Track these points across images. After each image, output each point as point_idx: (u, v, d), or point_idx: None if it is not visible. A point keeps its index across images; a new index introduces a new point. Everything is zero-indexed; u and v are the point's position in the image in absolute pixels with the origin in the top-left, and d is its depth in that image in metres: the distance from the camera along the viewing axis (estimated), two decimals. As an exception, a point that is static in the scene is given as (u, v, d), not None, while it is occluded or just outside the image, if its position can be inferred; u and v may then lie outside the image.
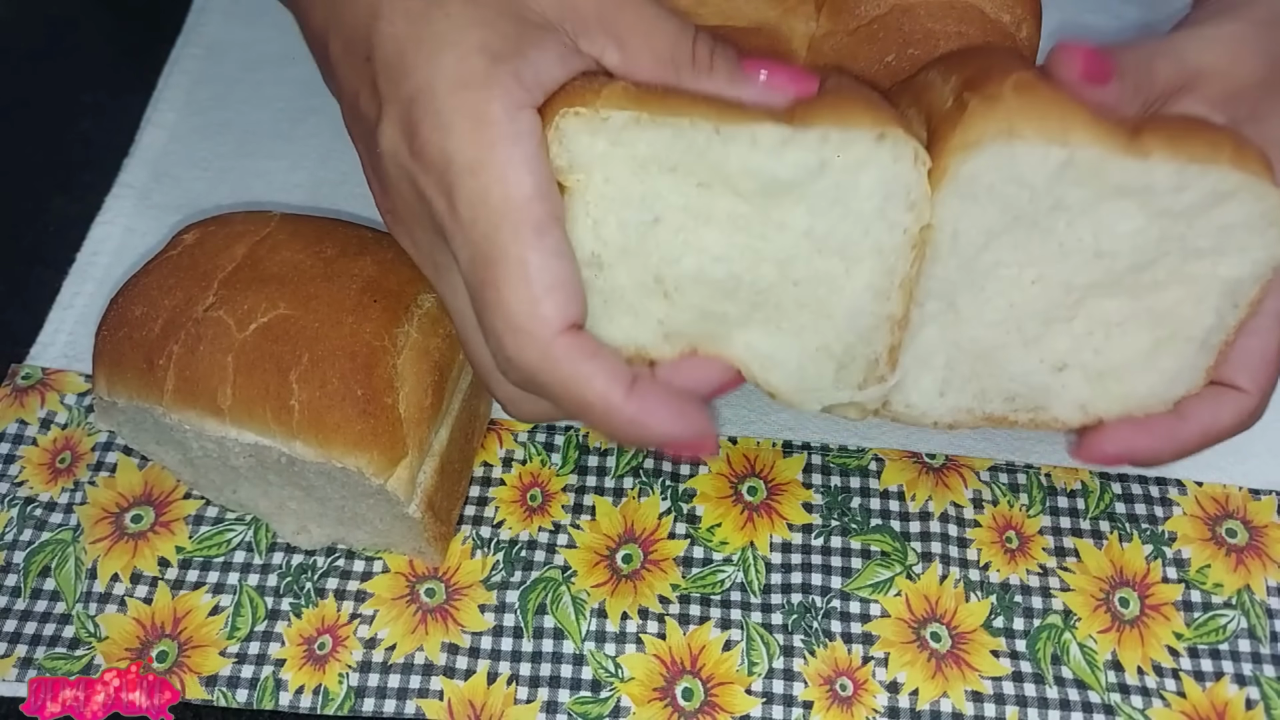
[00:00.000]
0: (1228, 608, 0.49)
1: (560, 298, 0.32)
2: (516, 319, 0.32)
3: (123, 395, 0.45)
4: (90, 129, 0.65)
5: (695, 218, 0.36)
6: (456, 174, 0.32)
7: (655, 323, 0.37)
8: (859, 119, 0.34)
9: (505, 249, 0.32)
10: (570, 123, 0.34)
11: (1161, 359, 0.40)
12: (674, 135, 0.34)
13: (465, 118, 0.32)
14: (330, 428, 0.43)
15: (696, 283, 0.36)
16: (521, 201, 0.32)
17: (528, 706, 0.46)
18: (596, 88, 0.35)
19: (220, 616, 0.48)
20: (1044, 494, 0.52)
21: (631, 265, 0.36)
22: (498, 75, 0.32)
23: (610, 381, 0.33)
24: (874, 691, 0.47)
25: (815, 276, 0.36)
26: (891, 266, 0.36)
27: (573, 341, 0.33)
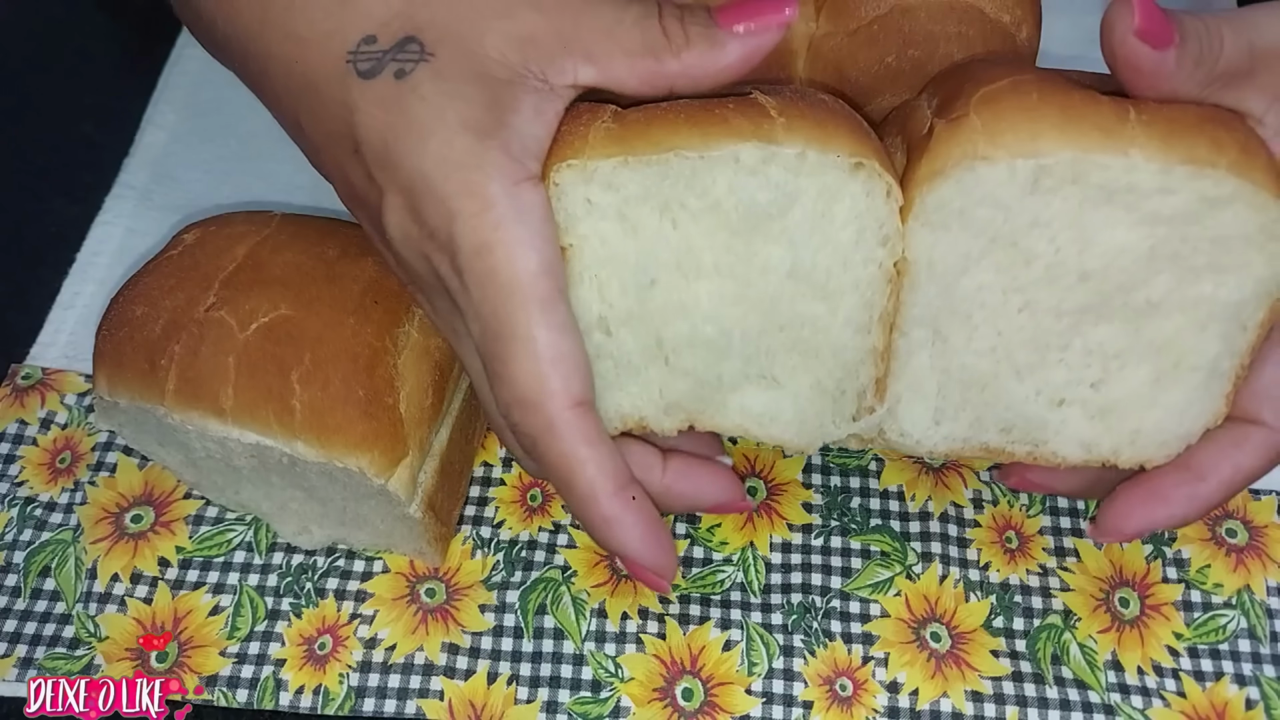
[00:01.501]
0: (1228, 608, 0.49)
1: (566, 371, 0.33)
2: (523, 392, 0.33)
3: (124, 395, 0.46)
4: (91, 130, 0.65)
5: (686, 275, 0.36)
6: (465, 256, 0.32)
7: (656, 393, 0.38)
8: (838, 142, 0.35)
9: (514, 326, 0.32)
10: (565, 176, 0.34)
11: (1167, 393, 0.38)
12: (660, 172, 0.35)
13: (467, 201, 0.32)
14: (332, 428, 0.43)
15: (692, 345, 0.37)
16: (528, 279, 0.32)
17: (528, 706, 0.46)
18: (583, 132, 0.35)
19: (220, 616, 0.48)
20: (1044, 494, 0.52)
21: (636, 330, 0.37)
22: (488, 154, 0.32)
23: (601, 474, 0.34)
24: (874, 691, 0.47)
25: (799, 319, 0.37)
26: (869, 300, 0.37)
27: (577, 421, 0.33)
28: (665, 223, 0.36)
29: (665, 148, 0.34)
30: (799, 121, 0.35)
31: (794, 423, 0.39)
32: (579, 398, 0.33)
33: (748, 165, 0.34)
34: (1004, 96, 0.34)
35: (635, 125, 0.35)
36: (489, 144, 0.32)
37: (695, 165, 0.34)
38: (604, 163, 0.34)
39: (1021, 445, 0.40)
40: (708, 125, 0.34)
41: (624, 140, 0.34)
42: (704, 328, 0.37)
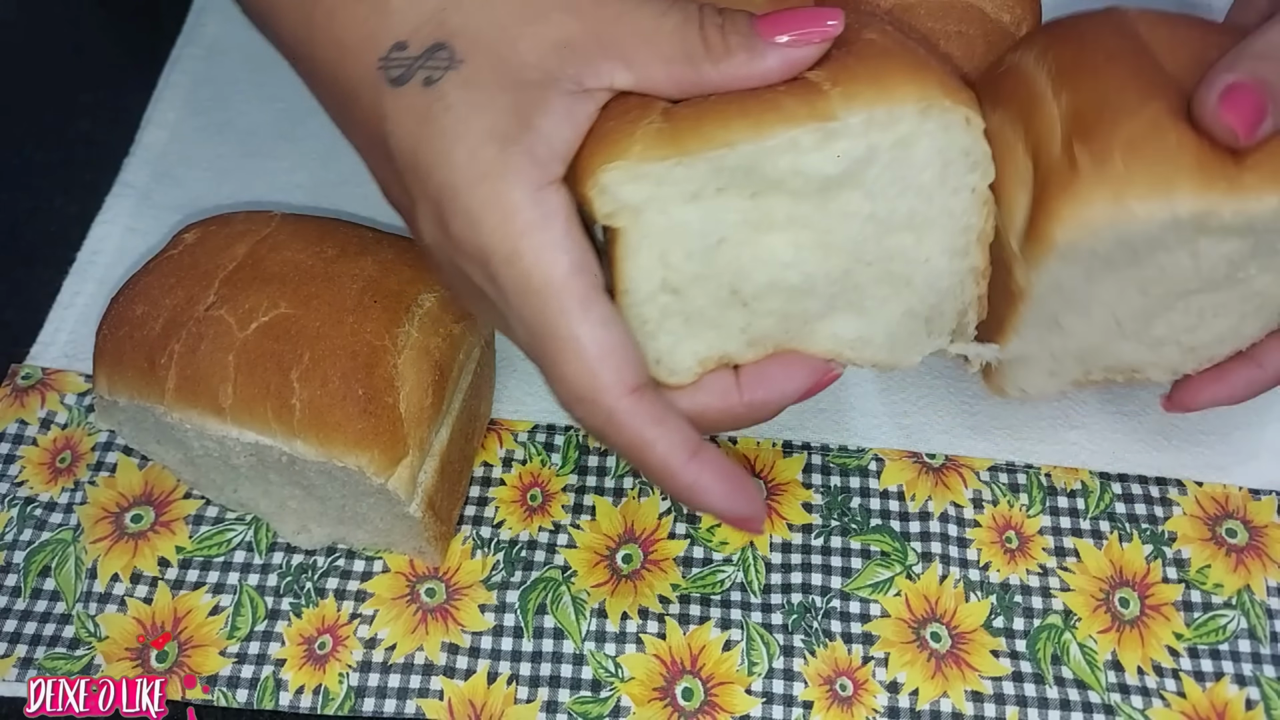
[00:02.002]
0: (1228, 608, 0.49)
1: (615, 363, 0.33)
2: (578, 391, 0.33)
3: (123, 394, 0.46)
4: (91, 128, 0.65)
5: (757, 229, 0.35)
6: (496, 265, 0.33)
7: (738, 331, 0.37)
8: (901, 92, 0.34)
9: (555, 328, 0.33)
10: (611, 176, 0.33)
11: (1248, 326, 0.43)
12: (716, 164, 0.34)
13: (491, 211, 0.32)
14: (331, 427, 0.43)
15: (773, 290, 0.36)
16: (561, 281, 0.32)
17: (528, 706, 0.46)
18: (630, 131, 0.34)
19: (220, 616, 0.48)
20: (1044, 494, 0.52)
21: (706, 286, 0.36)
22: (511, 160, 0.32)
23: (671, 449, 0.34)
24: (874, 691, 0.47)
25: (888, 254, 0.36)
26: (966, 225, 0.36)
27: (636, 407, 0.34)
28: (728, 197, 0.35)
29: (719, 143, 0.33)
30: (855, 85, 0.34)
31: (886, 345, 0.38)
32: (633, 384, 0.34)
33: (808, 146, 0.33)
34: (1146, 142, 0.37)
35: (686, 120, 0.34)
36: (512, 150, 0.32)
37: (754, 155, 0.33)
38: (654, 165, 0.33)
39: (1120, 376, 0.45)
40: (760, 113, 0.33)
41: (675, 139, 0.33)
42: (783, 275, 0.36)
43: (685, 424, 0.35)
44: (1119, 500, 0.52)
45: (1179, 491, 0.52)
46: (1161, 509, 0.52)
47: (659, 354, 0.36)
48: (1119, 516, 0.51)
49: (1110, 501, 0.52)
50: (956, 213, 0.36)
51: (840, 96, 0.33)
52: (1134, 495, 0.52)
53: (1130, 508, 0.52)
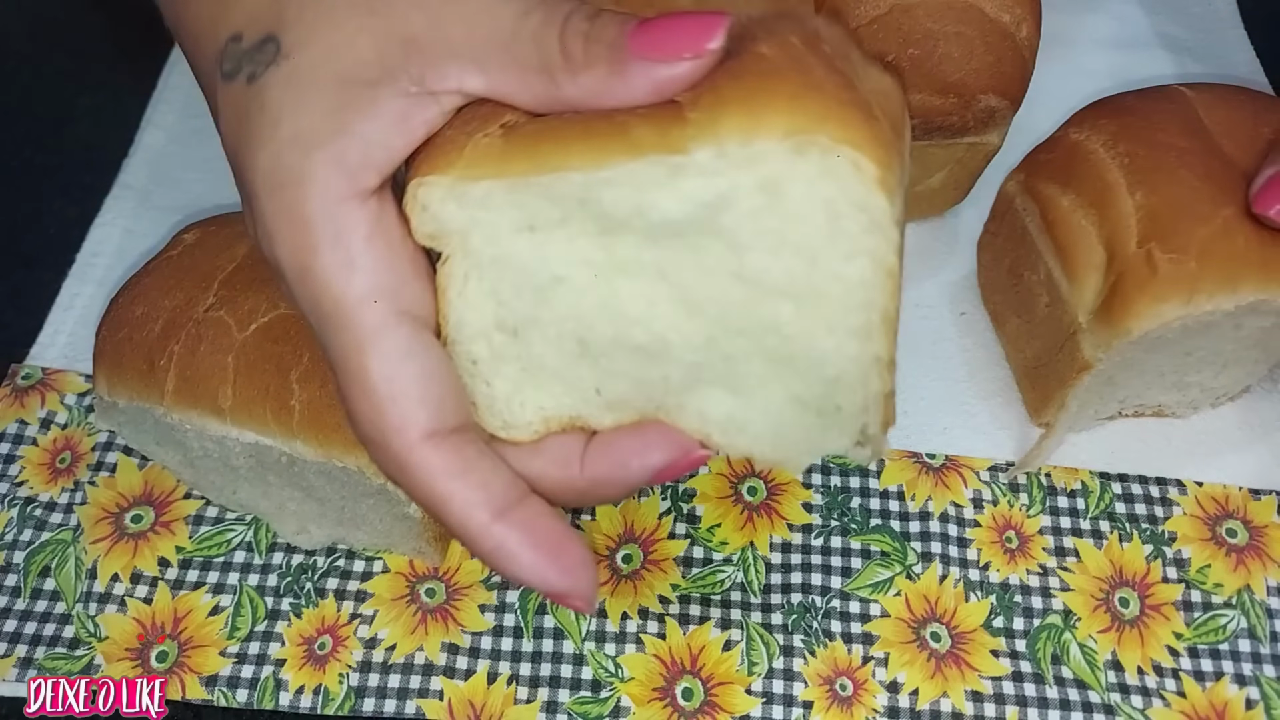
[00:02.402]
0: (1228, 608, 0.49)
1: (408, 404, 0.29)
2: (366, 431, 0.30)
3: (123, 395, 0.46)
4: (89, 130, 0.65)
5: (603, 273, 0.30)
6: (290, 282, 0.30)
7: (590, 391, 0.32)
8: (769, 121, 0.27)
9: (345, 358, 0.29)
10: (428, 193, 0.29)
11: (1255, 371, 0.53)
12: (546, 192, 0.29)
13: (285, 223, 0.29)
14: (330, 427, 0.43)
15: (621, 347, 0.30)
16: (351, 307, 0.29)
17: (528, 706, 0.46)
18: (461, 143, 0.29)
19: (220, 616, 0.48)
20: (1044, 494, 0.52)
21: (546, 332, 0.31)
22: (311, 169, 0.29)
23: (469, 507, 0.30)
24: (874, 691, 0.47)
25: (761, 324, 0.29)
26: (865, 300, 0.28)
27: (428, 457, 0.29)
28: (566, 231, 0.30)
29: (549, 168, 0.28)
30: (720, 111, 0.27)
31: (767, 435, 0.31)
32: (429, 429, 0.29)
33: (650, 183, 0.28)
34: (1218, 246, 0.42)
35: (523, 139, 0.29)
36: (315, 157, 0.29)
37: (587, 187, 0.28)
38: (473, 186, 0.29)
39: (1148, 411, 0.54)
40: (604, 138, 0.28)
41: (505, 158, 0.29)
42: (630, 331, 0.30)
43: (499, 477, 0.30)
44: (1119, 500, 0.52)
45: (1179, 491, 0.52)
46: (1161, 509, 0.52)
47: (491, 402, 0.32)
48: (1119, 516, 0.51)
49: (1110, 501, 0.52)
50: (852, 284, 0.28)
51: (698, 124, 0.27)
52: (1134, 495, 0.52)
53: (1130, 508, 0.52)
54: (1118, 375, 0.49)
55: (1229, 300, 0.44)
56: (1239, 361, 0.51)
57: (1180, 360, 0.49)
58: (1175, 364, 0.50)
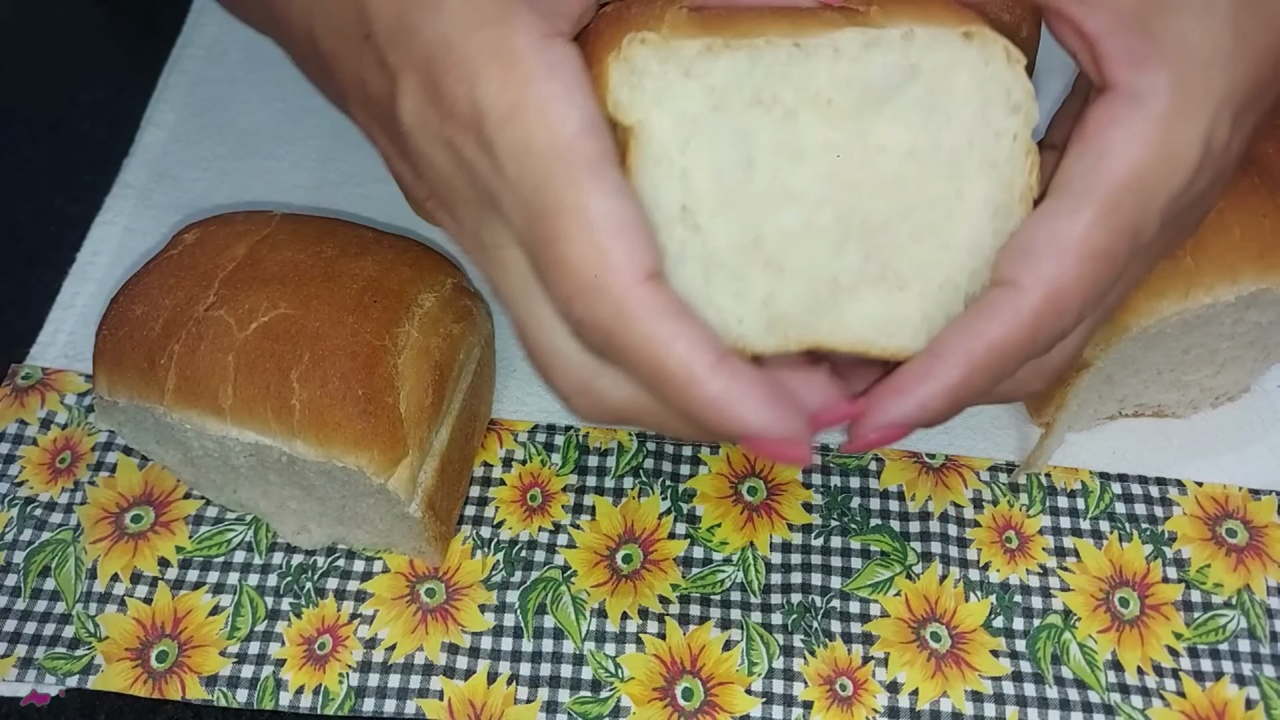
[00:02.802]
0: (1227, 608, 0.49)
1: (630, 240, 0.27)
2: (584, 272, 0.27)
3: (123, 395, 0.45)
4: (90, 129, 0.65)
5: (789, 157, 0.31)
6: (493, 125, 0.28)
7: (758, 303, 0.32)
8: (942, 16, 0.32)
9: (560, 197, 0.27)
10: (637, 51, 0.30)
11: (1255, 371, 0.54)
12: (751, 59, 0.30)
13: (490, 59, 0.28)
14: (331, 427, 0.43)
15: (801, 238, 0.32)
16: (569, 140, 0.27)
17: (528, 706, 0.46)
18: (657, 13, 0.31)
19: (220, 616, 0.48)
20: (1044, 494, 0.52)
21: (729, 221, 0.31)
22: (511, 5, 0.28)
23: (695, 346, 0.28)
24: (874, 691, 0.47)
25: (926, 202, 0.32)
26: (1008, 179, 0.32)
27: (652, 294, 0.28)
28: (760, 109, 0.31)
29: (754, 34, 0.30)
30: (895, 5, 0.32)
31: (923, 325, 0.32)
32: (649, 270, 0.28)
33: (849, 53, 0.31)
34: (1214, 237, 0.42)
35: (716, 16, 0.31)
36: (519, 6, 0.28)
37: (790, 54, 0.30)
38: (686, 43, 0.30)
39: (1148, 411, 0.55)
40: (797, 17, 0.31)
41: (706, 24, 0.30)
42: (815, 214, 0.31)
43: (707, 325, 0.29)
44: (1119, 500, 0.52)
45: (1179, 491, 0.52)
46: (1161, 509, 0.52)
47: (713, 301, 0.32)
48: (1119, 516, 0.51)
49: (1110, 501, 0.52)
50: (999, 162, 0.32)
51: (879, 11, 0.32)
52: (1134, 495, 0.52)
53: (1130, 507, 0.52)
54: (1116, 373, 0.50)
55: (1229, 292, 0.44)
56: (1238, 361, 0.51)
57: (1178, 358, 0.49)
58: (1173, 362, 0.50)
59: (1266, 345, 0.50)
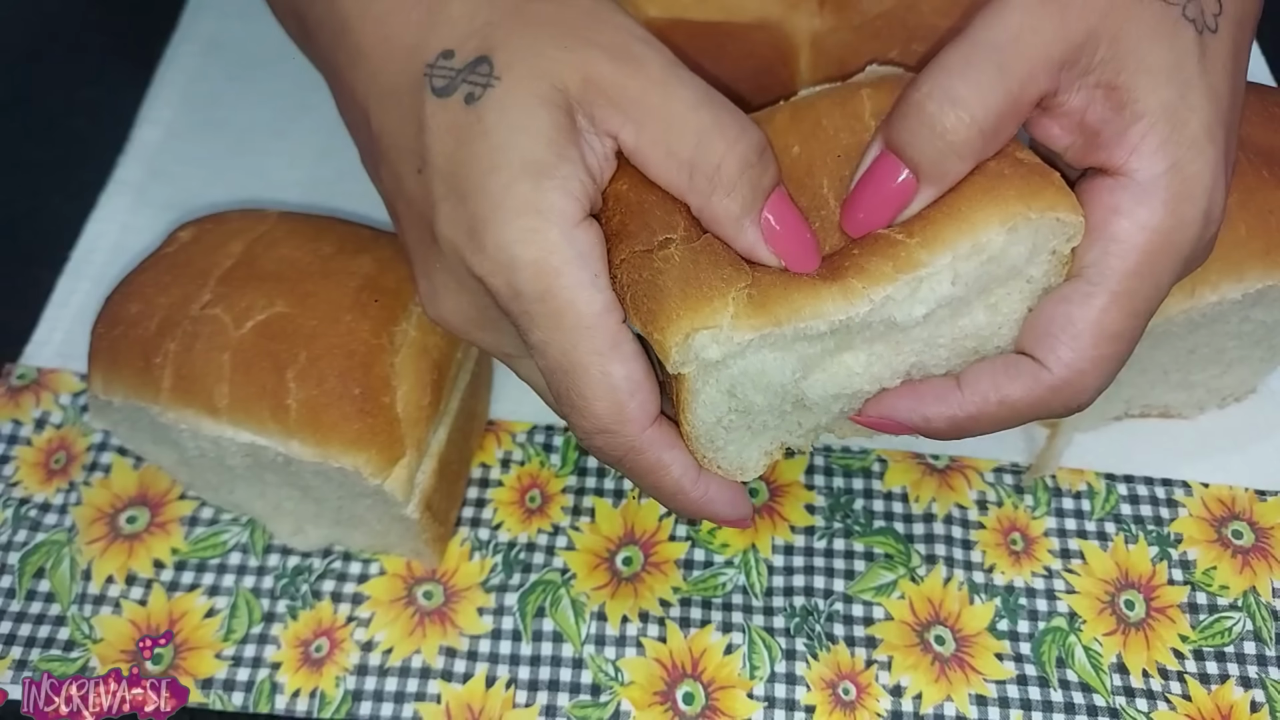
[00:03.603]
0: (1234, 610, 0.49)
1: (642, 398, 0.33)
2: (605, 422, 0.34)
3: (118, 394, 0.45)
4: (85, 126, 0.65)
5: (835, 354, 0.35)
6: (528, 300, 0.32)
7: (796, 426, 0.37)
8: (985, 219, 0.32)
9: (586, 365, 0.33)
10: (699, 340, 0.32)
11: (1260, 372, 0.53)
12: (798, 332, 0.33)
13: (528, 248, 0.32)
14: (327, 427, 0.43)
15: (840, 396, 0.36)
16: (593, 320, 0.32)
17: (526, 710, 0.46)
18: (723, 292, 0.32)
19: (216, 619, 0.48)
20: (1049, 495, 0.52)
21: (773, 406, 0.35)
22: (548, 199, 0.32)
23: (684, 470, 0.36)
24: (877, 695, 0.46)
25: (961, 332, 0.35)
26: (1045, 286, 0.34)
27: (656, 436, 0.34)
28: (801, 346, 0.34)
29: (810, 315, 0.32)
30: (933, 229, 0.33)
31: None
32: (653, 414, 0.34)
33: (901, 300, 0.33)
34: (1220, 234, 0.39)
35: (774, 288, 0.33)
36: (547, 186, 0.32)
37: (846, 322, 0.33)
38: (746, 334, 0.32)
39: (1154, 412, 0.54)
40: (847, 280, 0.33)
41: (766, 307, 0.32)
42: (851, 382, 0.35)
43: (685, 448, 0.36)
44: (1124, 502, 0.51)
45: (1185, 493, 0.52)
46: (1167, 510, 0.51)
47: (729, 462, 0.37)
48: (1124, 518, 0.51)
49: (1115, 503, 0.51)
50: (1036, 277, 0.34)
51: (920, 246, 0.33)
52: (1139, 497, 0.52)
53: (1136, 509, 0.51)
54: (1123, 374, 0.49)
55: (1236, 290, 0.44)
56: (1244, 361, 0.50)
57: (1184, 358, 0.49)
58: (1179, 362, 0.49)
59: (1273, 345, 0.50)
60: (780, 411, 0.36)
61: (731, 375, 0.34)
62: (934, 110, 0.31)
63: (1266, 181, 0.45)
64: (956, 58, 0.32)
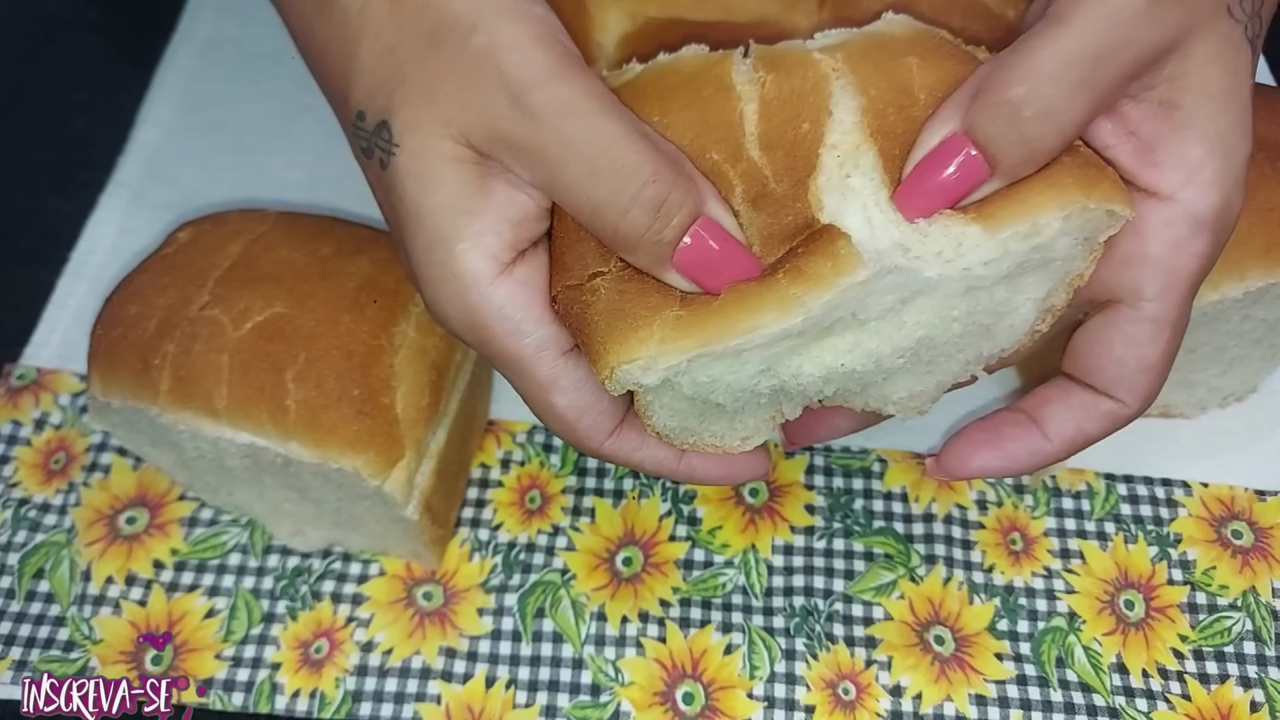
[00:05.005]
0: (1233, 610, 0.49)
1: (590, 421, 0.35)
2: (566, 438, 0.36)
3: (117, 395, 0.45)
4: (84, 127, 0.65)
5: (810, 343, 0.32)
6: (472, 346, 0.35)
7: (781, 407, 0.37)
8: (1043, 203, 0.31)
9: (533, 398, 0.35)
10: (627, 371, 0.31)
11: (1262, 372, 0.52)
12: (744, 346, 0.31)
13: (454, 310, 0.34)
14: (326, 428, 0.43)
15: (829, 381, 0.34)
16: (526, 364, 0.34)
17: (526, 711, 0.46)
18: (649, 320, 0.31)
19: (215, 619, 0.48)
20: (1049, 495, 0.52)
21: (746, 399, 0.34)
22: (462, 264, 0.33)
23: (659, 462, 0.37)
24: (877, 695, 0.46)
25: (976, 309, 0.33)
26: (1068, 271, 0.33)
27: (616, 445, 0.36)
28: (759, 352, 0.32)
29: (744, 331, 0.30)
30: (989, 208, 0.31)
31: (933, 396, 0.36)
32: (609, 430, 0.36)
33: (853, 298, 0.30)
34: None
35: (706, 308, 0.31)
36: (459, 250, 0.33)
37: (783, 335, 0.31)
38: (673, 359, 0.31)
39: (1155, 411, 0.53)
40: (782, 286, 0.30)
41: (694, 330, 0.31)
42: (839, 369, 0.33)
43: (662, 441, 0.37)
44: (1124, 502, 0.51)
45: (1184, 493, 0.52)
46: (1167, 510, 0.51)
47: (720, 440, 0.37)
48: (1124, 518, 0.51)
49: (1115, 503, 0.51)
50: (1069, 263, 0.33)
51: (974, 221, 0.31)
52: (1139, 496, 0.52)
53: (1135, 509, 0.51)
54: None
55: (1236, 288, 0.44)
56: (1245, 360, 0.50)
57: (1185, 357, 0.49)
58: (1180, 361, 0.49)
59: (1274, 344, 0.50)
60: (755, 402, 0.35)
61: (682, 387, 0.33)
62: (1029, 117, 0.30)
63: (1268, 178, 0.45)
64: (1052, 62, 0.30)
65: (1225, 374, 0.51)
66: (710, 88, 0.33)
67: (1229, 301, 0.44)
